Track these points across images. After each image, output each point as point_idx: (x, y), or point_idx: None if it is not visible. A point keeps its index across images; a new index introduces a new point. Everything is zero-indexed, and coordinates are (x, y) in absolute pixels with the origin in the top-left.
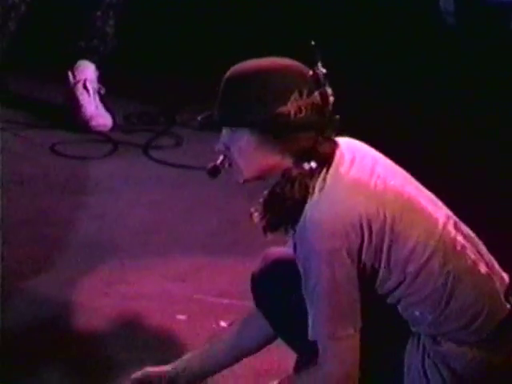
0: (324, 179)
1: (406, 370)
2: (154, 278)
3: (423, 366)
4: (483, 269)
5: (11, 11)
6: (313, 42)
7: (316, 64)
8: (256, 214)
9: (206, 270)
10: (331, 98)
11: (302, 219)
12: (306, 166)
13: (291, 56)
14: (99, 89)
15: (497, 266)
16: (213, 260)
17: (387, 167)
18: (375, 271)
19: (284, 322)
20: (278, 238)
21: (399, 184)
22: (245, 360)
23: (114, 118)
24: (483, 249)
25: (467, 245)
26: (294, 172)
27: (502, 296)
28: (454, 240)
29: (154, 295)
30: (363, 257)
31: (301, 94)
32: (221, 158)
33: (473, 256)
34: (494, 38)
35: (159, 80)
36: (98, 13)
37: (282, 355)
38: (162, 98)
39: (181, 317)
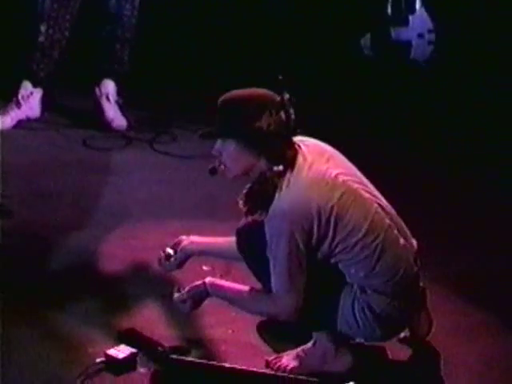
0: (289, 179)
1: (340, 308)
2: (155, 235)
3: (353, 307)
4: (402, 241)
5: (55, 44)
6: (280, 77)
7: (282, 92)
8: (241, 202)
9: (194, 229)
10: (293, 116)
11: (271, 207)
12: (276, 168)
13: (266, 86)
14: (118, 99)
15: (410, 236)
16: (199, 222)
17: (339, 165)
18: (324, 244)
19: (256, 265)
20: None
21: (346, 179)
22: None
23: (128, 120)
24: (403, 226)
25: (392, 224)
26: (268, 174)
27: (412, 259)
28: (383, 220)
29: (156, 247)
30: (314, 236)
31: (271, 114)
32: (217, 161)
33: (395, 232)
34: (399, 65)
35: (162, 94)
36: (118, 45)
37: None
38: (164, 106)
39: None
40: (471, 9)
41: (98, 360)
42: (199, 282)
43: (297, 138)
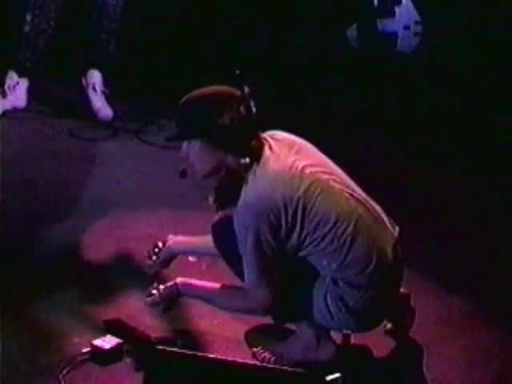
0: (255, 172)
1: (314, 300)
2: (141, 224)
3: (325, 299)
4: (375, 230)
5: (41, 34)
6: (237, 71)
7: (242, 87)
8: (210, 199)
9: (178, 220)
10: (254, 109)
11: (239, 201)
12: (242, 161)
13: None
14: (104, 90)
15: (389, 223)
16: (183, 212)
17: (308, 157)
18: (293, 237)
19: (232, 260)
20: None
21: (314, 171)
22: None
23: (114, 110)
24: (381, 214)
25: (365, 214)
26: (234, 168)
27: (388, 250)
28: (355, 211)
29: (142, 237)
30: (282, 228)
31: (232, 109)
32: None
33: (369, 222)
34: (385, 57)
35: (148, 84)
36: (104, 35)
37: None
38: (150, 97)
39: None
40: (457, 0)
41: (84, 350)
42: (171, 283)
43: (267, 132)
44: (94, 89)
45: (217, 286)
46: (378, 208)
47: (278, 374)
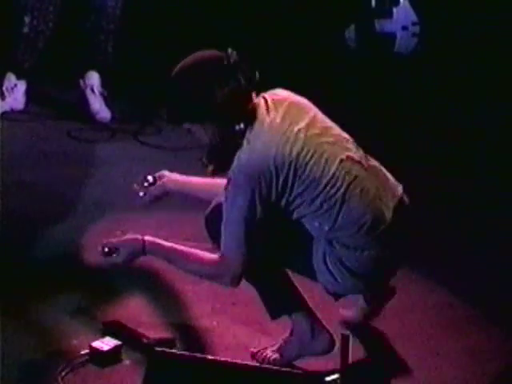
0: (249, 135)
1: (315, 265)
2: (139, 226)
3: (325, 263)
4: (372, 191)
5: (40, 35)
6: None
7: (227, 50)
8: (205, 163)
9: (176, 221)
10: (245, 74)
11: (232, 165)
12: (237, 127)
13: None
14: (102, 91)
15: (391, 183)
16: (181, 214)
17: (304, 118)
18: (283, 198)
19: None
20: None
21: (309, 134)
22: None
23: (113, 112)
24: (378, 172)
25: (361, 175)
26: (230, 134)
27: (387, 210)
28: (348, 173)
29: None
30: (273, 190)
31: (221, 83)
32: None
33: (363, 182)
34: (383, 58)
35: (146, 86)
36: (102, 37)
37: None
38: (148, 98)
39: None
40: (455, 1)
41: (83, 352)
42: (137, 237)
43: (269, 91)
44: (93, 90)
45: (187, 249)
46: (378, 166)
47: (277, 376)
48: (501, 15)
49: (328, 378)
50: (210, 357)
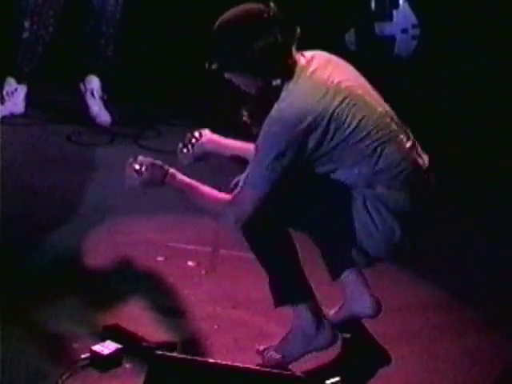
0: (287, 88)
1: (356, 221)
2: (140, 230)
3: (366, 207)
4: (409, 145)
5: (40, 40)
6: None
7: (268, 5)
8: (245, 114)
9: (177, 225)
10: (285, 29)
11: (270, 113)
12: (274, 82)
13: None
14: (102, 95)
15: (420, 150)
16: (182, 218)
17: (344, 74)
18: (323, 146)
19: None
20: None
21: (350, 85)
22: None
23: (113, 116)
24: (410, 136)
25: (399, 130)
26: (268, 88)
27: (422, 165)
28: (388, 125)
29: (141, 243)
30: (310, 142)
31: (263, 35)
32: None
33: (402, 137)
34: (383, 61)
35: (146, 89)
36: (102, 41)
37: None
38: (148, 102)
39: (159, 258)
40: (455, 3)
41: (83, 356)
42: (163, 167)
43: (308, 52)
44: (93, 94)
45: (203, 186)
46: (410, 133)
47: (278, 379)
48: (500, 18)
49: (329, 381)
50: (210, 360)
